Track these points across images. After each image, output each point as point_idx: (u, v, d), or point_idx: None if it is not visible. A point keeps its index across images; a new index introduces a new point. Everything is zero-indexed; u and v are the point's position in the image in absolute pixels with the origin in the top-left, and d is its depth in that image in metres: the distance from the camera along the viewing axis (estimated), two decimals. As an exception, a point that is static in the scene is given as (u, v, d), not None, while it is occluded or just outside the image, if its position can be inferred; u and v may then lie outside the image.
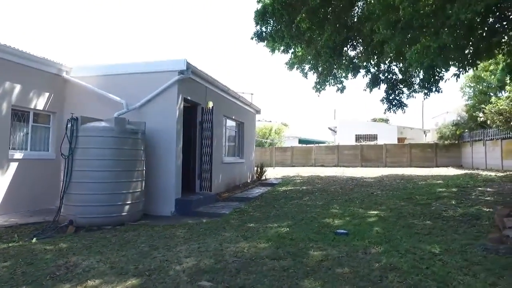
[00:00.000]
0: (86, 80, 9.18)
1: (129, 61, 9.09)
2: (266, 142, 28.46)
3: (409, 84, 14.18)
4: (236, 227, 6.33)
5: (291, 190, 11.40)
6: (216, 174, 10.79)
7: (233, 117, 12.63)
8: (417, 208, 7.47)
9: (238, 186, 12.59)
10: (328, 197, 9.58)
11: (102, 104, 8.80)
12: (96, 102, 8.91)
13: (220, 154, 11.18)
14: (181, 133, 8.70)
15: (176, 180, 8.41)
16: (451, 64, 6.62)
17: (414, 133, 33.37)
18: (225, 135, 12.13)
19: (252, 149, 15.11)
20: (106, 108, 8.59)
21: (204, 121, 9.77)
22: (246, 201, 9.53)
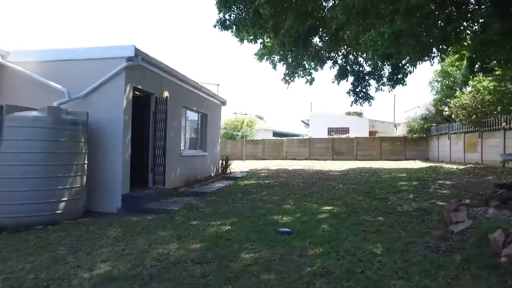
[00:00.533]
0: (26, 66, 8.34)
1: (73, 47, 8.38)
2: (238, 135, 27.98)
3: (378, 77, 14.02)
4: (177, 225, 5.85)
5: (252, 184, 11.00)
6: (173, 167, 10.25)
7: (194, 109, 12.05)
8: (373, 203, 7.22)
9: (199, 180, 12.08)
10: (287, 191, 9.24)
11: (43, 93, 8.04)
12: (36, 90, 8.13)
13: (178, 147, 10.62)
14: (130, 124, 8.08)
15: (123, 174, 7.81)
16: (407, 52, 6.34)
17: (386, 126, 33.69)
18: (184, 127, 11.56)
19: (217, 141, 14.60)
20: (47, 97, 7.82)
21: (157, 112, 9.16)
22: (202, 196, 9.05)
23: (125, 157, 7.88)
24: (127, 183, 7.97)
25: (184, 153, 11.08)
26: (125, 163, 7.85)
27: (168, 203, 8.21)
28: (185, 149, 11.53)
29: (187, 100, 11.36)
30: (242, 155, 25.23)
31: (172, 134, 10.18)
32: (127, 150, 7.95)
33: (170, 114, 9.86)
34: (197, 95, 12.17)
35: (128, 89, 7.99)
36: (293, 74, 15.69)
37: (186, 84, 11.06)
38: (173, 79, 10.18)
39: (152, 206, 7.80)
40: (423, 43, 5.96)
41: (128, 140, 8.01)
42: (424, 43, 5.96)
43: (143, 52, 8.17)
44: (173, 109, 10.22)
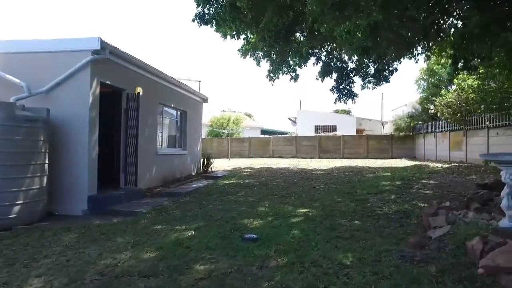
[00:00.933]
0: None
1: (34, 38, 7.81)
2: (224, 132, 27.49)
3: (363, 74, 13.70)
4: (139, 229, 5.40)
5: (232, 184, 10.58)
6: (148, 167, 9.76)
7: (172, 106, 11.56)
8: (352, 205, 6.87)
9: (178, 179, 11.61)
10: (265, 192, 8.84)
11: (0, 87, 7.50)
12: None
13: (154, 145, 10.14)
14: (97, 121, 7.57)
15: (90, 174, 7.31)
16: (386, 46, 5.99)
17: (373, 124, 33.58)
18: (161, 125, 11.07)
19: (198, 139, 14.12)
20: (5, 92, 7.28)
21: (129, 109, 8.66)
22: (176, 197, 8.59)
23: (92, 156, 7.37)
24: (94, 184, 7.47)
25: (160, 152, 10.60)
26: (91, 163, 7.35)
27: (139, 204, 7.73)
28: (162, 148, 11.05)
29: (164, 97, 10.87)
30: (228, 154, 24.79)
31: (147, 132, 9.69)
32: (94, 149, 7.44)
33: (144, 111, 9.38)
34: (175, 92, 11.68)
35: (95, 84, 7.47)
36: (277, 71, 15.30)
37: (163, 80, 10.56)
38: (147, 75, 9.68)
39: (121, 208, 7.33)
40: (402, 36, 5.61)
41: (95, 138, 7.51)
42: (404, 36, 5.62)
43: (111, 45, 7.66)
44: (148, 106, 9.73)
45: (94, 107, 7.45)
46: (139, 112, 8.59)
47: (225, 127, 28.30)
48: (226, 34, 13.26)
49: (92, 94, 7.39)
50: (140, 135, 9.15)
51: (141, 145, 9.28)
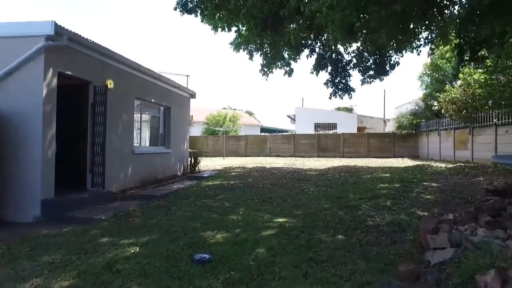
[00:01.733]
0: None
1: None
2: (220, 130, 26.50)
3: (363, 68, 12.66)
4: (80, 243, 4.48)
5: (215, 185, 9.64)
6: (122, 166, 8.85)
7: (153, 101, 10.63)
8: (339, 213, 5.88)
9: (159, 180, 10.69)
10: (246, 195, 7.88)
11: None
12: None
13: (129, 143, 9.22)
14: (54, 117, 6.65)
15: (44, 176, 6.40)
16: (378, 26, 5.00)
17: (375, 122, 32.40)
18: (140, 121, 10.16)
19: (184, 137, 13.19)
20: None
21: (96, 104, 7.74)
22: (147, 201, 7.66)
23: (47, 155, 6.47)
24: (50, 187, 6.57)
25: (138, 150, 9.68)
26: (46, 163, 6.44)
27: (102, 209, 6.81)
28: (141, 146, 10.13)
29: (142, 91, 9.93)
30: (223, 152, 23.87)
31: (121, 129, 8.77)
32: (49, 147, 6.53)
33: (117, 106, 8.48)
34: (156, 86, 10.74)
35: (50, 75, 6.55)
36: (271, 65, 14.38)
37: (139, 72, 9.62)
38: (120, 66, 8.75)
39: (79, 214, 6.40)
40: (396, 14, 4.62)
41: (52, 135, 6.59)
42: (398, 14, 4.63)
43: (70, 30, 6.73)
44: (122, 100, 8.81)
45: (50, 101, 6.53)
46: (106, 107, 7.67)
47: (221, 125, 27.32)
48: (217, 27, 12.37)
49: (47, 86, 6.47)
50: (110, 132, 8.24)
51: (113, 144, 8.38)
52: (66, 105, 8.04)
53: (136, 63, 9.23)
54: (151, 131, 11.32)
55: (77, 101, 7.83)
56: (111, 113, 8.25)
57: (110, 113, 8.22)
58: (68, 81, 7.81)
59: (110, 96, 8.22)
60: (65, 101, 8.10)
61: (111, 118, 8.26)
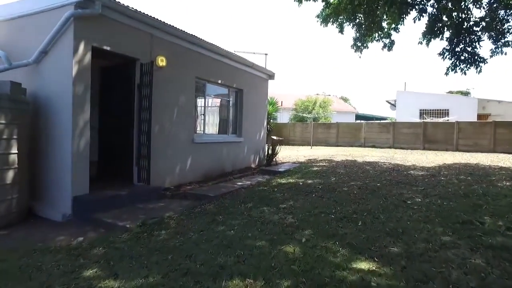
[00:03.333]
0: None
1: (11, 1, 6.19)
2: (308, 117, 24.05)
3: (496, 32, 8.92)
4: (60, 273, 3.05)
5: (288, 184, 7.63)
6: (178, 158, 7.52)
7: (219, 82, 9.06)
8: (474, 260, 3.30)
9: (227, 173, 9.19)
10: (321, 205, 5.66)
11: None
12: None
13: (188, 131, 7.83)
14: (86, 100, 5.47)
15: (76, 169, 5.31)
16: None
17: (504, 108, 25.48)
18: (204, 105, 8.71)
19: (260, 124, 11.41)
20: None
21: (142, 85, 6.45)
22: (197, 201, 6.12)
23: (78, 145, 5.36)
24: (84, 182, 5.47)
25: (199, 139, 8.25)
26: (77, 154, 5.34)
27: (137, 211, 5.47)
28: (204, 134, 8.70)
29: (206, 71, 8.41)
30: (311, 141, 21.54)
31: (177, 114, 7.42)
32: (81, 136, 5.42)
33: (171, 88, 7.14)
34: (223, 65, 9.13)
35: (82, 49, 5.37)
36: (365, 38, 11.60)
37: (200, 48, 8.09)
38: (175, 41, 7.31)
39: (110, 218, 5.09)
40: None
41: (84, 122, 5.45)
42: None
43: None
44: (178, 81, 7.42)
45: (82, 81, 5.37)
46: (152, 89, 6.28)
47: (310, 111, 24.83)
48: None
49: (78, 63, 5.31)
50: (162, 118, 6.93)
51: (165, 132, 7.07)
52: (111, 88, 6.97)
53: (195, 36, 7.70)
54: (220, 118, 9.84)
55: (123, 82, 6.67)
56: (163, 96, 6.91)
57: (163, 96, 6.89)
58: (111, 60, 6.70)
59: (163, 76, 6.88)
60: (110, 83, 7.05)
61: (163, 102, 6.94)
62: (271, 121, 21.62)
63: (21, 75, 5.74)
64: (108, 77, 6.94)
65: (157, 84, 6.71)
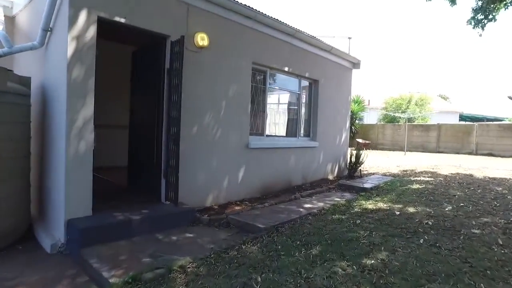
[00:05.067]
0: None
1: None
2: (402, 117, 20.00)
3: None
4: None
5: (377, 213, 5.06)
6: (225, 169, 5.60)
7: (285, 69, 6.88)
8: None
9: (294, 188, 6.98)
10: (441, 271, 3.07)
11: None
12: None
13: (240, 133, 5.86)
14: (89, 89, 3.85)
15: (70, 181, 3.73)
16: None
17: None
18: (263, 100, 6.63)
19: (341, 125, 8.85)
20: None
21: (172, 71, 4.67)
22: (243, 234, 4.08)
23: (76, 148, 3.79)
24: (84, 197, 3.86)
25: (256, 144, 6.20)
26: (74, 160, 3.76)
27: (150, 246, 3.70)
28: (264, 137, 6.63)
29: (266, 54, 6.33)
30: (405, 146, 17.75)
31: (224, 111, 5.52)
32: (80, 136, 3.82)
33: (217, 76, 5.27)
34: (291, 48, 6.91)
35: (83, 21, 3.80)
36: (489, 6, 8.31)
37: (257, 24, 6.02)
38: (221, 13, 5.35)
39: (99, 258, 3.42)
40: None
41: (85, 117, 3.85)
42: None
43: None
44: (227, 67, 5.50)
45: (80, 63, 3.78)
46: (181, 76, 4.43)
47: (403, 110, 20.72)
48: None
49: (76, 39, 3.74)
50: (201, 116, 5.09)
51: (207, 134, 5.23)
52: (139, 77, 5.38)
53: (251, 8, 5.66)
54: (288, 116, 7.67)
55: (149, 69, 5.01)
56: (205, 87, 5.08)
57: (204, 87, 5.06)
58: (137, 40, 5.09)
59: (205, 60, 5.04)
60: (137, 71, 5.46)
61: (205, 94, 5.10)
62: (355, 121, 18.52)
63: (32, 63, 4.52)
64: (136, 63, 5.40)
65: (196, 71, 4.90)
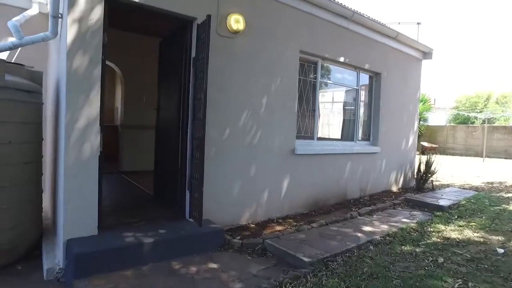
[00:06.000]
0: None
1: None
2: (477, 118, 17.05)
3: None
4: None
5: (466, 244, 3.63)
6: (265, 179, 4.58)
7: (341, 60, 5.63)
8: None
9: (350, 202, 5.72)
10: None
11: None
12: None
13: (285, 137, 4.78)
14: (94, 80, 3.09)
15: (71, 192, 3.01)
16: None
17: None
18: (313, 97, 5.46)
19: (409, 127, 7.27)
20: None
21: (198, 61, 3.76)
22: (281, 269, 3.03)
23: (77, 154, 3.06)
24: (88, 213, 3.13)
25: (304, 149, 5.05)
26: (74, 169, 3.04)
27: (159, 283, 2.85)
28: (313, 142, 5.46)
29: (318, 42, 5.16)
30: (483, 151, 15.08)
31: (265, 109, 4.51)
32: (82, 140, 3.08)
33: (254, 65, 4.30)
34: (348, 34, 5.64)
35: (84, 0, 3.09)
36: None
37: (308, 4, 4.91)
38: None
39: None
40: None
41: (89, 117, 3.11)
42: None
43: None
44: (267, 55, 4.49)
45: (83, 50, 3.05)
46: (206, 65, 3.51)
47: (480, 110, 17.69)
48: None
49: (78, 23, 3.03)
50: (234, 116, 4.15)
51: (245, 138, 4.27)
52: (165, 68, 4.59)
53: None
54: (343, 116, 6.40)
55: (174, 58, 4.18)
56: (240, 79, 4.13)
57: (239, 80, 4.12)
58: (159, 25, 4.31)
59: (240, 48, 4.11)
60: (163, 61, 4.68)
61: (241, 88, 4.16)
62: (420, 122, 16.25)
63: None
64: (162, 55, 4.63)
65: (230, 61, 3.98)
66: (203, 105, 3.50)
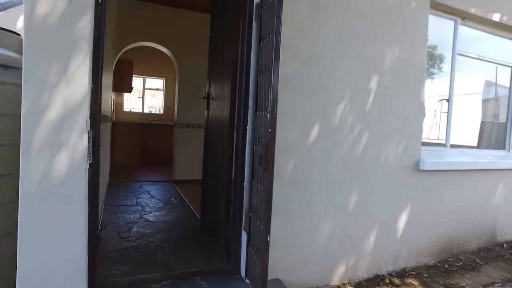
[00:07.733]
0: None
1: None
2: None
3: None
4: None
5: None
6: (374, 210, 2.68)
7: (494, 19, 3.40)
8: None
9: (499, 247, 3.46)
10: None
11: None
12: None
13: (405, 143, 2.82)
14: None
15: (30, 239, 1.66)
16: None
17: None
18: (443, 82, 3.33)
19: None
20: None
21: (265, 5, 2.06)
22: None
23: (43, 170, 1.66)
24: (72, 264, 1.74)
25: (432, 163, 3.00)
26: (40, 194, 1.65)
27: None
28: (444, 150, 3.34)
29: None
30: None
31: (375, 96, 2.61)
32: (52, 144, 1.67)
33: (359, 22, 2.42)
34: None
35: None
36: None
37: None
38: None
39: None
40: None
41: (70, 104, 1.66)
42: None
43: None
44: (378, 5, 2.60)
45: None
46: (280, 15, 1.78)
47: None
48: None
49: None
50: (321, 113, 2.33)
51: (338, 144, 2.44)
52: (215, 27, 2.96)
53: None
54: (486, 114, 4.08)
55: (233, 8, 2.55)
56: (333, 47, 2.31)
57: (331, 48, 2.30)
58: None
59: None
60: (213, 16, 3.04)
61: (335, 64, 2.34)
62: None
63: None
64: (214, 5, 3.04)
65: (319, 11, 2.21)
66: (272, 84, 1.79)
